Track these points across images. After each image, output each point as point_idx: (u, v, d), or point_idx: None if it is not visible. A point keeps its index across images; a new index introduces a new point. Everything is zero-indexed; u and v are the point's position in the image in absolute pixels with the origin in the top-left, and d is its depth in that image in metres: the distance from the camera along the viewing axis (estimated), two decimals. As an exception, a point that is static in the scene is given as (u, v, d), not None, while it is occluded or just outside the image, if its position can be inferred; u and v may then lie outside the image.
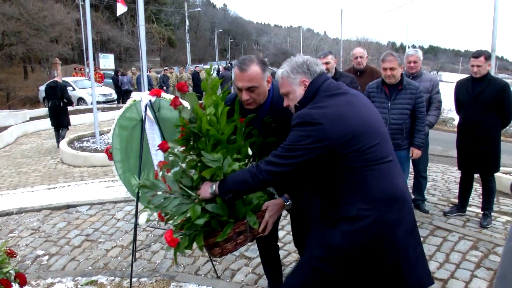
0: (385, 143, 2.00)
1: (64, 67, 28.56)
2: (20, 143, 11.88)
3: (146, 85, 9.12)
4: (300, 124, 1.89)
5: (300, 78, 2.04)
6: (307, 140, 1.86)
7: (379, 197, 1.89)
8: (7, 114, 14.53)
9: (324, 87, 2.00)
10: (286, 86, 2.08)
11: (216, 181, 2.09)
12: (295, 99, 2.07)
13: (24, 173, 8.20)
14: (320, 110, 1.89)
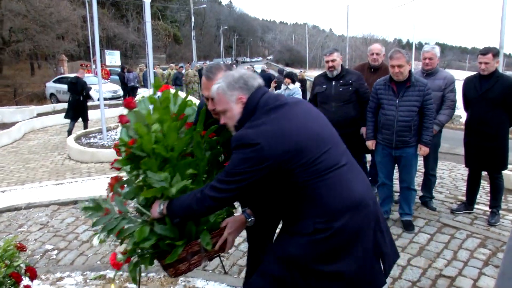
0: (335, 148, 1.92)
1: (70, 63, 28.69)
2: (28, 139, 11.96)
3: (152, 81, 9.14)
4: (238, 147, 1.79)
5: (237, 94, 1.91)
6: (247, 163, 1.77)
7: (336, 208, 1.80)
8: (14, 110, 14.63)
9: (263, 102, 1.89)
10: (222, 103, 1.95)
11: (165, 201, 2.01)
12: (232, 118, 1.95)
13: (32, 169, 8.27)
14: (258, 129, 1.79)
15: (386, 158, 4.24)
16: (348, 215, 1.80)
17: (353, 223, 1.80)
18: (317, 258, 1.80)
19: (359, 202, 1.84)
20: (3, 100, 24.40)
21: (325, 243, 1.78)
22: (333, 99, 4.52)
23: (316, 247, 1.79)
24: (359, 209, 1.83)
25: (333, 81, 4.54)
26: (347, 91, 4.46)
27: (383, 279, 1.96)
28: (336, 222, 1.78)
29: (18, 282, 2.55)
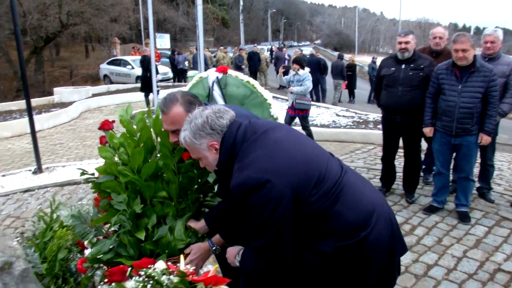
0: (330, 161, 1.80)
1: (122, 46, 29.58)
2: (84, 118, 12.53)
3: (202, 64, 9.26)
4: (247, 194, 1.58)
5: (206, 142, 1.74)
6: (268, 207, 1.56)
7: (356, 222, 1.69)
8: (72, 90, 15.32)
9: (240, 138, 1.71)
10: (194, 152, 1.81)
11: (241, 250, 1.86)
12: (210, 165, 1.80)
13: (89, 146, 8.67)
14: (256, 167, 1.61)
15: (444, 146, 4.09)
16: (368, 229, 1.70)
17: (373, 236, 1.71)
18: (336, 270, 1.72)
19: (375, 210, 1.76)
20: (60, 80, 25.67)
21: (344, 259, 1.70)
22: (401, 83, 4.33)
23: (335, 262, 1.70)
24: (376, 218, 1.74)
25: (402, 64, 4.36)
26: (417, 76, 4.27)
27: (397, 277, 1.91)
28: (357, 239, 1.68)
29: (83, 250, 2.70)
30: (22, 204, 4.98)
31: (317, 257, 1.69)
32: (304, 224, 1.67)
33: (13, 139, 10.08)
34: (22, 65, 6.38)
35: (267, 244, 1.61)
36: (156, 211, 1.99)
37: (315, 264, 1.70)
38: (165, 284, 1.29)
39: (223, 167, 1.73)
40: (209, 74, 3.07)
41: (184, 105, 1.98)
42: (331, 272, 1.71)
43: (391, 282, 1.88)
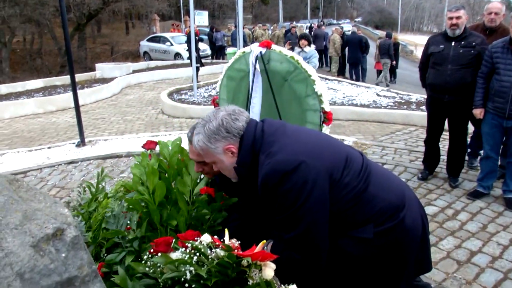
0: (350, 148, 1.76)
1: (161, 23, 29.83)
2: (125, 94, 12.80)
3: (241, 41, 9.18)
4: (282, 179, 1.52)
5: (222, 145, 1.68)
6: (304, 190, 1.51)
7: (391, 204, 1.65)
8: (113, 67, 15.65)
9: (259, 134, 1.66)
10: (209, 156, 1.74)
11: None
12: (225, 168, 1.74)
13: (129, 121, 8.87)
14: (286, 151, 1.56)
15: (495, 129, 3.89)
16: (404, 211, 1.67)
17: (410, 219, 1.68)
18: (376, 256, 1.68)
19: (405, 192, 1.73)
20: (102, 57, 26.25)
21: (385, 244, 1.66)
22: (450, 61, 4.12)
23: (375, 248, 1.66)
24: (408, 200, 1.71)
25: (452, 41, 4.13)
26: (468, 54, 4.05)
27: (431, 264, 1.89)
28: (396, 221, 1.65)
29: (126, 218, 2.78)
30: (67, 175, 5.17)
31: (357, 246, 1.64)
32: (341, 211, 1.61)
33: (58, 113, 10.46)
34: (67, 42, 6.53)
35: (302, 233, 1.55)
36: None
37: (354, 253, 1.65)
38: (210, 258, 1.29)
39: (244, 165, 1.67)
40: (252, 49, 3.01)
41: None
42: (371, 261, 1.67)
43: (427, 265, 1.86)
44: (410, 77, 14.26)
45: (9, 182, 1.32)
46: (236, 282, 1.32)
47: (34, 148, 6.58)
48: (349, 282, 1.73)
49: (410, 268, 1.74)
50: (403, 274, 1.74)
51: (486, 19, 4.52)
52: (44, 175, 5.23)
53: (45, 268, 1.14)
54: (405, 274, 1.75)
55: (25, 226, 1.18)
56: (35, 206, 1.27)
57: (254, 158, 1.64)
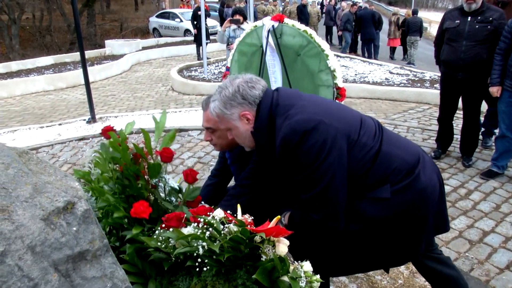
0: (364, 115, 1.79)
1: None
2: (134, 71, 12.74)
3: (252, 17, 9.02)
4: (301, 138, 1.54)
5: (238, 112, 1.69)
6: (324, 148, 1.53)
7: (408, 164, 1.68)
8: (122, 43, 15.55)
9: (276, 100, 1.68)
10: (224, 123, 1.75)
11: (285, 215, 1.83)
12: (240, 135, 1.75)
13: (139, 98, 8.85)
14: (305, 112, 1.59)
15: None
16: (418, 168, 1.69)
17: (425, 176, 1.69)
18: (395, 216, 1.69)
19: (420, 153, 1.76)
20: (111, 33, 26.09)
21: (403, 202, 1.67)
22: (465, 37, 4.01)
23: (394, 207, 1.67)
24: (423, 160, 1.74)
25: (469, 16, 4.01)
26: (484, 30, 3.92)
27: (448, 223, 1.91)
28: (411, 177, 1.66)
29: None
30: (78, 151, 5.19)
31: (376, 207, 1.66)
32: (359, 173, 1.63)
33: (68, 90, 10.47)
34: (76, 18, 6.46)
35: (320, 192, 1.57)
36: None
37: (374, 216, 1.66)
38: (223, 233, 1.27)
39: (261, 129, 1.68)
40: (264, 23, 2.93)
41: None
42: (390, 223, 1.69)
43: (444, 225, 1.87)
44: (423, 55, 13.98)
45: (19, 154, 1.30)
46: (249, 258, 1.31)
47: (45, 125, 6.61)
48: (370, 248, 1.74)
49: (429, 227, 1.75)
50: (422, 233, 1.75)
51: None
52: (55, 152, 5.25)
53: (56, 242, 1.13)
54: (425, 233, 1.76)
55: (36, 199, 1.16)
56: (46, 179, 1.25)
57: (271, 123, 1.66)
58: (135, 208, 1.50)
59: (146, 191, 1.70)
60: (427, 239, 1.84)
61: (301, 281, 1.24)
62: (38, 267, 1.07)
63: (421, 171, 1.68)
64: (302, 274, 1.26)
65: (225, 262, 1.27)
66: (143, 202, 1.51)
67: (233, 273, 1.28)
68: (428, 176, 1.70)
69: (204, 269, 1.29)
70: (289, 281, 1.23)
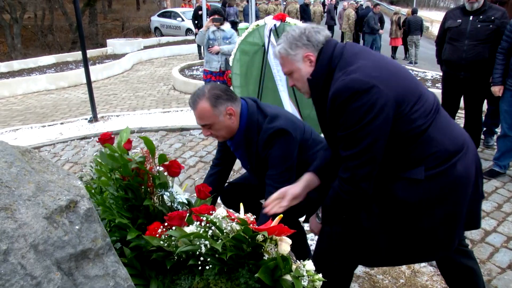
0: (427, 90, 1.76)
1: (173, -2, 29.46)
2: (136, 70, 12.76)
3: (253, 16, 9.01)
4: (351, 97, 1.55)
5: (302, 53, 1.72)
6: (370, 113, 1.53)
7: (448, 151, 1.66)
8: (124, 42, 15.57)
9: (338, 52, 1.70)
10: (287, 64, 1.77)
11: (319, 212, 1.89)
12: (301, 78, 1.77)
13: (141, 97, 8.86)
14: (363, 72, 1.58)
15: (514, 106, 3.78)
16: (457, 157, 1.67)
17: (462, 166, 1.67)
18: (428, 202, 1.68)
19: (464, 143, 1.73)
20: (113, 33, 26.11)
21: (436, 188, 1.66)
22: (467, 36, 3.99)
23: (427, 192, 1.67)
24: (465, 151, 1.71)
25: (471, 15, 3.99)
26: (486, 29, 3.91)
27: (480, 221, 1.88)
28: (448, 165, 1.65)
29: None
30: (80, 150, 5.20)
31: (408, 189, 1.66)
32: (398, 147, 1.65)
33: (70, 89, 10.49)
34: (78, 17, 6.47)
35: (359, 152, 1.59)
36: None
37: (407, 199, 1.66)
38: (225, 231, 1.27)
39: (318, 78, 1.71)
40: (266, 22, 2.93)
41: (210, 99, 1.98)
42: (422, 209, 1.68)
43: (476, 221, 1.84)
44: (425, 54, 13.94)
45: (22, 153, 1.30)
46: (251, 256, 1.31)
47: (47, 124, 6.62)
48: (401, 237, 1.73)
49: (462, 220, 1.74)
50: (456, 226, 1.72)
51: None
52: (57, 151, 5.26)
53: (59, 240, 1.13)
54: (458, 226, 1.74)
55: (38, 197, 1.17)
56: (48, 178, 1.26)
57: (329, 73, 1.69)
58: (150, 230, 1.47)
59: (151, 205, 1.69)
60: (460, 233, 1.81)
61: (304, 280, 1.24)
62: (41, 266, 1.07)
63: (460, 160, 1.66)
64: (305, 273, 1.26)
65: (227, 261, 1.27)
66: (158, 224, 1.49)
67: (236, 272, 1.28)
68: (465, 167, 1.68)
69: (207, 267, 1.29)
70: (292, 280, 1.23)
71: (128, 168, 1.66)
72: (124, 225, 1.53)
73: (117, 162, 1.65)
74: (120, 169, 1.67)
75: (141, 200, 1.66)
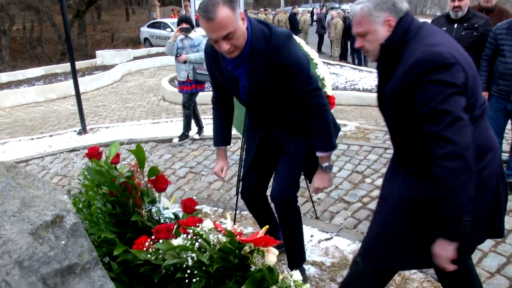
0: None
1: (162, 8, 29.51)
2: (125, 81, 12.73)
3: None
4: (433, 69, 1.51)
5: (384, 16, 1.68)
6: (453, 87, 1.50)
7: (482, 149, 1.63)
8: (113, 53, 15.54)
9: (415, 26, 1.70)
10: (365, 24, 1.70)
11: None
12: (374, 41, 1.71)
13: (131, 108, 8.83)
14: (446, 47, 1.56)
15: (499, 112, 3.84)
16: (488, 157, 1.66)
17: (491, 166, 1.67)
18: None
19: (496, 145, 1.73)
20: (102, 44, 26.07)
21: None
22: None
23: None
24: (495, 152, 1.70)
25: (455, 23, 4.05)
26: (470, 36, 3.98)
27: (504, 227, 1.84)
28: (479, 163, 1.62)
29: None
30: (69, 163, 5.17)
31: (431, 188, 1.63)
32: None
33: (59, 101, 10.43)
34: (66, 29, 6.46)
35: (452, 121, 1.50)
36: None
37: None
38: (212, 243, 1.27)
39: (392, 44, 1.69)
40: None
41: (227, 4, 1.81)
42: None
43: (498, 229, 1.81)
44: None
45: (7, 168, 1.30)
46: (238, 268, 1.31)
47: (36, 137, 6.57)
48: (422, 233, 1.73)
49: (483, 225, 1.72)
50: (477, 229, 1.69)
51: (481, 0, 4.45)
52: (46, 163, 5.22)
53: (45, 256, 1.13)
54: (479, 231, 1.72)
55: (24, 213, 1.16)
56: (34, 193, 1.25)
57: (402, 43, 1.67)
58: (137, 244, 1.47)
59: (139, 220, 1.69)
60: (480, 239, 1.79)
61: (291, 290, 1.25)
62: (26, 282, 1.07)
63: (487, 165, 1.65)
64: (292, 283, 1.26)
65: (214, 273, 1.27)
66: (145, 238, 1.48)
67: (223, 284, 1.28)
68: (489, 172, 1.66)
69: (194, 280, 1.29)
70: (279, 291, 1.23)
71: (115, 183, 1.66)
72: (111, 240, 1.52)
73: (104, 178, 1.65)
74: (107, 184, 1.67)
75: (129, 215, 1.66)
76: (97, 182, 1.70)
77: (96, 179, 1.70)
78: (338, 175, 4.20)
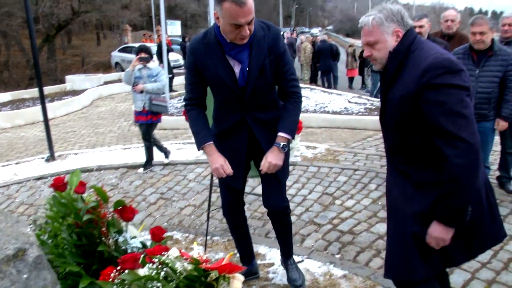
0: None
1: (133, 33, 29.55)
2: (96, 106, 12.59)
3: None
4: (446, 73, 1.65)
5: (394, 27, 1.83)
6: (463, 92, 1.64)
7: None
8: (83, 78, 15.39)
9: (419, 40, 1.85)
10: (376, 34, 1.84)
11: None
12: (383, 50, 1.85)
13: (101, 134, 8.72)
14: (453, 57, 1.73)
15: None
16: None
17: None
18: None
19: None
20: (72, 68, 25.80)
21: None
22: None
23: None
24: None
25: None
26: None
27: (504, 231, 1.95)
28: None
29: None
30: (35, 191, 5.04)
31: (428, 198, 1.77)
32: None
33: (26, 127, 10.20)
34: (34, 53, 6.40)
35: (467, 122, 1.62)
36: None
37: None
38: (178, 271, 1.28)
39: (399, 53, 1.82)
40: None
41: None
42: None
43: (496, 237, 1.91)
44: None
45: (-33, 203, 1.28)
46: (204, 295, 1.32)
47: (1, 164, 6.39)
48: None
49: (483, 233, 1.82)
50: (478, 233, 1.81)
51: (443, 26, 4.68)
52: (11, 192, 5.08)
53: (5, 291, 1.11)
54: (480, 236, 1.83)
55: (-16, 248, 1.15)
56: (-5, 227, 1.24)
57: (407, 53, 1.81)
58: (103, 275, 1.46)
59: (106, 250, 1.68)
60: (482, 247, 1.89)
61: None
62: (-14, 319, 1.05)
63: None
64: (258, 309, 1.27)
65: (181, 302, 1.27)
66: (111, 268, 1.48)
67: (190, 312, 1.29)
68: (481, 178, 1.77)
69: (160, 310, 1.29)
70: (245, 317, 1.24)
71: (79, 214, 1.65)
72: (76, 272, 1.50)
73: (68, 209, 1.64)
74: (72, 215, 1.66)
75: (95, 245, 1.65)
76: (62, 213, 1.69)
77: (61, 211, 1.69)
78: (308, 197, 4.26)
